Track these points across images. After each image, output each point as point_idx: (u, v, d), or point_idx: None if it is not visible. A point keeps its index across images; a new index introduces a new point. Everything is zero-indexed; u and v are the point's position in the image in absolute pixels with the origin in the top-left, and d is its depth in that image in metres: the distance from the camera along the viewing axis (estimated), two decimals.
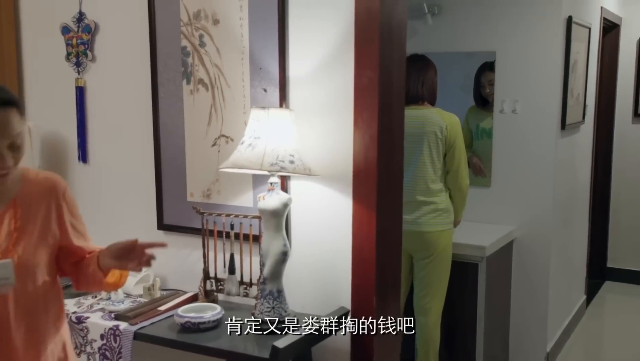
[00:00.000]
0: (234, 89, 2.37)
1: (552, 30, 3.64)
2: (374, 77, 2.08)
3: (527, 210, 3.79)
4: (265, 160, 2.00)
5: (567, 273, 4.38)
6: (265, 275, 2.13)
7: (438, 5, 3.89)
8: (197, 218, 2.42)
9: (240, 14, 2.32)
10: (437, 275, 3.23)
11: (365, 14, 2.08)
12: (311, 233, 2.30)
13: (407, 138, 3.17)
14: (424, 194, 3.17)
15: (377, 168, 2.11)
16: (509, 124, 3.80)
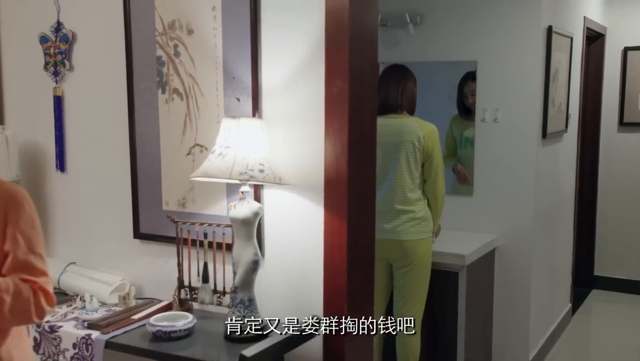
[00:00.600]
0: (208, 98, 2.38)
1: (533, 40, 3.67)
2: (344, 87, 2.09)
3: (508, 219, 3.81)
4: (234, 169, 2.01)
5: (551, 281, 4.39)
6: (237, 284, 2.14)
7: (420, 15, 3.92)
8: (173, 226, 2.42)
9: (214, 24, 2.33)
10: (416, 283, 3.24)
11: (335, 24, 2.09)
12: (284, 242, 2.31)
13: (385, 148, 3.20)
14: (401, 203, 3.18)
15: (348, 177, 2.12)
16: (491, 133, 3.82)
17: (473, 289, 3.53)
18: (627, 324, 5.03)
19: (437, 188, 3.22)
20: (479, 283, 3.67)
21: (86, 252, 2.77)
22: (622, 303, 5.48)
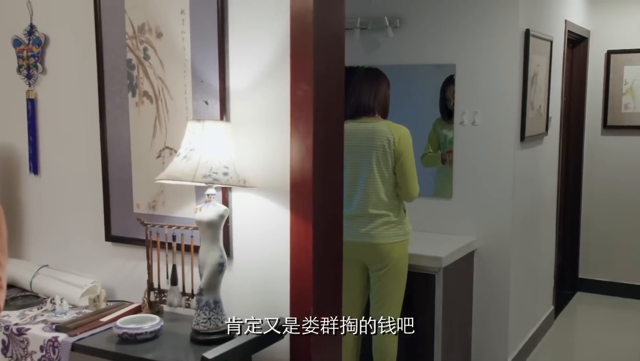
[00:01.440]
0: (177, 101, 2.39)
1: (510, 43, 3.69)
2: (309, 90, 2.10)
3: (487, 221, 3.82)
4: (198, 172, 2.02)
5: (532, 283, 4.40)
6: (202, 286, 2.14)
7: (400, 19, 3.94)
8: (144, 229, 2.43)
9: (183, 28, 2.34)
10: (393, 286, 3.25)
11: (299, 27, 2.10)
12: (252, 245, 2.32)
13: (357, 152, 3.22)
14: (375, 207, 3.20)
15: (313, 180, 2.13)
16: (469, 136, 3.83)
17: (451, 291, 3.54)
18: (611, 326, 5.05)
19: (409, 190, 3.22)
20: (457, 285, 3.68)
21: (59, 255, 2.78)
22: (606, 305, 5.50)
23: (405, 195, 3.23)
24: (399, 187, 3.23)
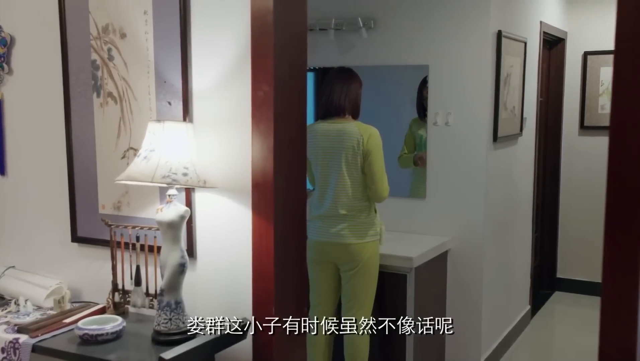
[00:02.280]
0: (141, 102, 2.39)
1: (482, 44, 3.71)
2: (269, 91, 2.11)
3: (460, 221, 3.84)
4: (157, 173, 2.02)
5: (507, 283, 4.43)
6: (163, 287, 2.14)
7: (374, 20, 3.95)
8: (109, 230, 2.42)
9: (146, 28, 2.34)
10: (363, 286, 3.26)
11: (260, 28, 2.11)
12: (216, 245, 2.32)
13: (327, 153, 3.23)
14: (345, 208, 3.21)
15: (275, 181, 2.13)
16: (443, 136, 3.85)
17: (423, 291, 3.55)
18: (588, 326, 5.07)
19: (378, 191, 3.23)
20: (430, 285, 3.69)
21: (25, 256, 2.77)
22: (583, 305, 5.54)
23: (374, 195, 3.24)
24: (368, 187, 3.23)
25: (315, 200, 3.33)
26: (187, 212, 2.14)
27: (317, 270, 3.35)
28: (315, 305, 3.39)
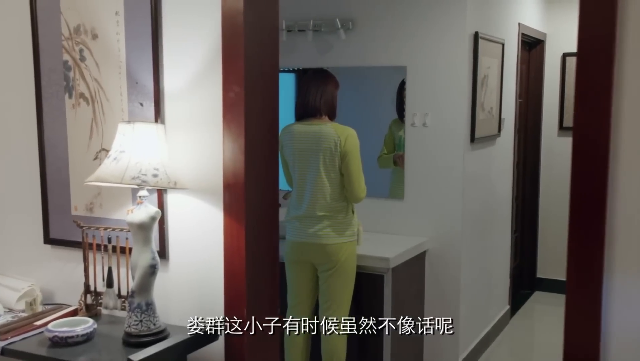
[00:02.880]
0: (113, 103, 2.38)
1: (459, 45, 3.73)
2: (240, 92, 2.11)
3: (438, 222, 3.86)
4: (127, 174, 2.02)
5: (485, 283, 4.45)
6: (134, 288, 2.14)
7: (352, 21, 3.96)
8: (79, 231, 2.41)
9: (117, 29, 2.33)
10: (340, 286, 3.27)
11: (230, 29, 2.11)
12: (188, 246, 2.32)
13: (304, 155, 3.24)
14: (323, 209, 3.21)
15: (245, 181, 2.13)
16: (420, 137, 3.87)
17: (400, 291, 3.57)
18: None
19: (355, 192, 3.24)
20: (408, 285, 3.71)
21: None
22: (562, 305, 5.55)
23: (351, 196, 3.25)
24: (346, 188, 3.24)
25: (293, 201, 3.34)
26: (157, 213, 2.13)
27: (294, 270, 3.36)
28: (292, 305, 3.39)
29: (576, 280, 1.76)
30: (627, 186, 1.74)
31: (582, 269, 1.76)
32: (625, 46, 1.71)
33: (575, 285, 1.77)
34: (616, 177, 1.74)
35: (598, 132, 1.68)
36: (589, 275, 1.73)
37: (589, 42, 1.71)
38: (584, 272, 1.75)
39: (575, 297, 1.78)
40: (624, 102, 1.72)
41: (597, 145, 1.70)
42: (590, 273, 1.73)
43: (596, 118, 1.69)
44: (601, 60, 1.68)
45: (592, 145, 1.71)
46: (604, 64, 1.67)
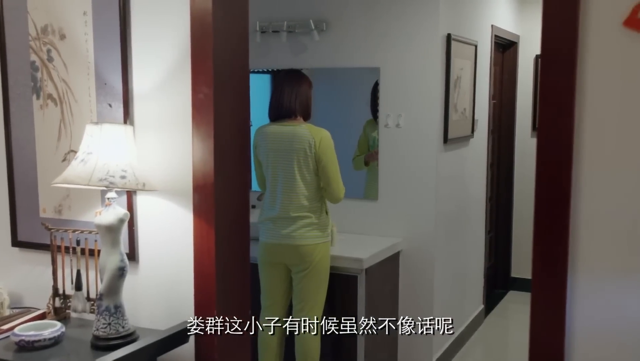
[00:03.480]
0: (81, 104, 2.36)
1: (432, 47, 3.76)
2: (209, 93, 2.10)
3: (411, 222, 3.88)
4: (94, 176, 2.00)
5: (460, 283, 4.48)
6: (102, 291, 2.12)
7: (326, 22, 3.97)
8: (48, 234, 2.39)
9: (85, 29, 2.31)
10: (314, 287, 3.27)
11: (199, 30, 2.10)
12: (157, 248, 2.30)
13: (278, 156, 3.24)
14: (297, 210, 3.21)
15: (215, 183, 2.13)
16: (394, 138, 3.89)
17: (374, 292, 3.58)
18: None
19: (334, 193, 3.25)
20: (382, 286, 3.72)
21: None
22: None
23: (330, 197, 3.26)
24: (325, 190, 3.26)
25: (267, 202, 3.33)
26: (126, 215, 2.12)
27: (268, 271, 3.35)
28: (266, 307, 3.38)
29: (541, 279, 1.78)
30: (590, 186, 1.77)
31: (547, 268, 1.78)
32: (587, 49, 1.74)
33: (540, 283, 1.79)
34: (579, 177, 1.77)
35: (562, 133, 1.70)
36: (553, 274, 1.75)
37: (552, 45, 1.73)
38: (548, 271, 1.77)
39: (540, 295, 1.81)
40: (586, 104, 1.75)
41: (561, 147, 1.72)
42: (554, 271, 1.76)
43: (560, 120, 1.71)
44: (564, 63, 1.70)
45: (556, 147, 1.73)
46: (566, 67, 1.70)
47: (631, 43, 1.72)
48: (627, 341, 1.77)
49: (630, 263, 1.75)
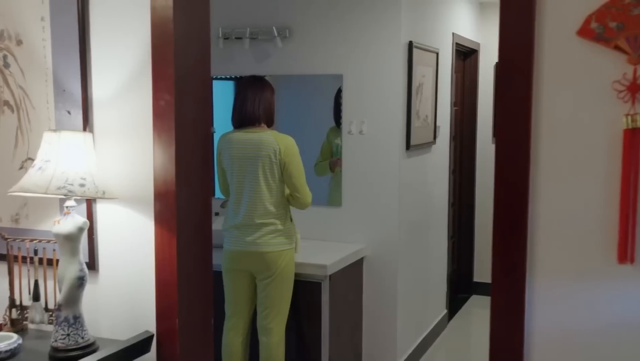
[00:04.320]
0: (39, 111, 2.32)
1: (394, 54, 3.79)
2: (170, 100, 2.09)
3: (375, 229, 3.90)
4: (52, 184, 1.97)
5: (423, 288, 4.52)
6: (60, 301, 2.08)
7: (289, 29, 3.98)
8: (4, 243, 2.34)
9: (43, 35, 2.27)
10: (279, 294, 3.27)
11: (160, 37, 2.09)
12: (118, 257, 2.27)
13: (242, 163, 3.23)
14: (262, 217, 3.21)
15: (177, 190, 2.11)
16: (357, 145, 3.91)
17: (338, 299, 3.59)
18: None
19: (302, 199, 3.26)
20: (346, 292, 3.73)
21: None
22: None
23: (298, 203, 3.27)
24: (292, 197, 3.26)
25: (231, 210, 3.31)
26: (85, 223, 2.08)
27: (232, 279, 3.33)
28: (230, 315, 3.36)
29: (500, 283, 1.81)
30: (547, 192, 1.81)
31: (506, 272, 1.81)
32: (543, 58, 1.78)
33: (499, 287, 1.82)
34: (537, 183, 1.80)
35: (519, 140, 1.74)
36: (512, 278, 1.79)
37: (509, 54, 1.77)
38: (507, 275, 1.80)
39: (499, 299, 1.84)
40: (542, 111, 1.79)
41: (519, 153, 1.75)
42: (513, 276, 1.79)
43: (517, 127, 1.74)
44: (521, 71, 1.74)
45: (514, 153, 1.76)
46: (523, 75, 1.74)
47: (584, 52, 1.77)
48: (583, 344, 1.81)
49: (584, 267, 1.79)
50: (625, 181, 1.66)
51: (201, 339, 2.28)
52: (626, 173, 1.66)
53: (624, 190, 1.67)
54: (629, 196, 1.66)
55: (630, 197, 1.65)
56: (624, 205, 1.67)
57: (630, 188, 1.66)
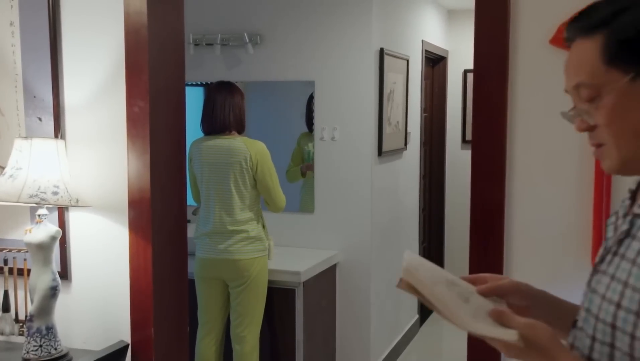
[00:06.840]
0: (9, 117, 2.27)
1: (365, 61, 3.82)
2: (144, 106, 2.07)
3: (347, 235, 3.91)
4: (24, 192, 1.93)
5: (395, 294, 4.54)
6: (32, 312, 2.04)
7: (260, 35, 3.97)
8: None
9: (12, 40, 2.23)
10: (252, 302, 3.25)
11: (134, 42, 2.07)
12: (91, 266, 2.23)
13: (213, 170, 3.21)
14: (233, 224, 3.19)
15: (151, 198, 2.09)
16: (329, 151, 3.92)
17: (312, 305, 3.58)
18: None
19: (276, 203, 3.27)
20: (319, 299, 3.73)
21: None
22: None
23: (273, 207, 3.29)
24: (266, 202, 3.27)
25: (202, 217, 3.29)
26: (58, 232, 2.05)
27: (205, 287, 3.30)
28: (203, 323, 3.33)
29: None
30: (523, 197, 1.83)
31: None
32: (516, 65, 1.81)
33: None
34: (513, 188, 1.83)
35: (495, 146, 1.76)
36: None
37: (484, 62, 1.79)
38: None
39: None
40: (517, 117, 1.82)
41: (495, 159, 1.78)
42: None
43: (493, 133, 1.77)
44: (495, 78, 1.77)
45: (489, 159, 1.79)
46: (497, 82, 1.76)
47: (557, 60, 1.80)
48: None
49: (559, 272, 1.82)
50: (598, 186, 1.70)
51: (176, 348, 2.26)
52: (599, 178, 1.70)
53: (597, 195, 1.71)
54: (602, 200, 1.69)
55: (604, 202, 1.69)
56: (597, 210, 1.71)
57: (603, 192, 1.69)
